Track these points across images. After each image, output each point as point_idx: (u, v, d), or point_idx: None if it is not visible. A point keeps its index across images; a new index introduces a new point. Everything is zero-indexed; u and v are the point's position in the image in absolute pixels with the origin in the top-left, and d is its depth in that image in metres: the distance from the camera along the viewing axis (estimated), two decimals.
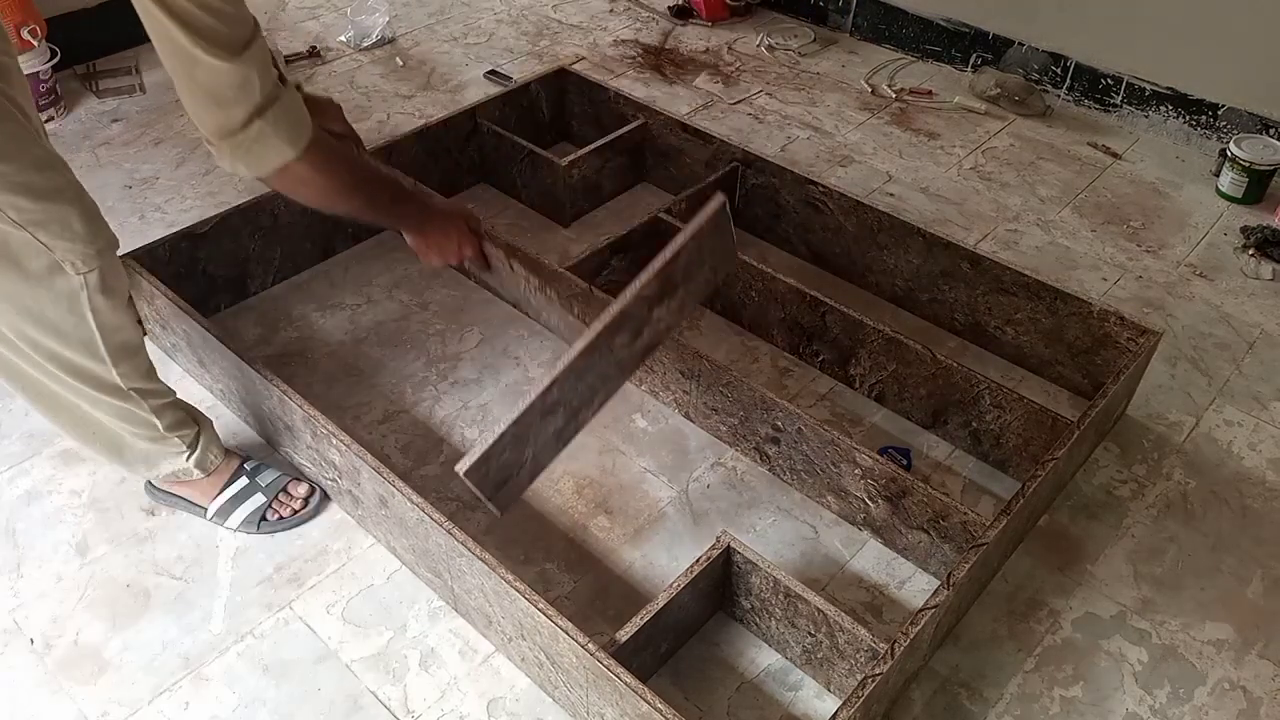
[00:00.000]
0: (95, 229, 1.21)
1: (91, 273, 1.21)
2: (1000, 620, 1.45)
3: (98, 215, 1.23)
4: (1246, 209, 2.31)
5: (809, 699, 1.34)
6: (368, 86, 2.65)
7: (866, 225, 1.93)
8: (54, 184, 1.17)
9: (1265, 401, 1.82)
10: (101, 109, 2.50)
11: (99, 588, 1.45)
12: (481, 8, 3.08)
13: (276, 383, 1.49)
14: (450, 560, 1.33)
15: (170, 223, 2.10)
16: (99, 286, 1.23)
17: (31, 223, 1.14)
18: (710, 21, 3.04)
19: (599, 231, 2.13)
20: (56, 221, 1.16)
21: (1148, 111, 2.55)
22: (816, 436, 1.51)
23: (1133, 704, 1.36)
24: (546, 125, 2.37)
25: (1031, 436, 1.57)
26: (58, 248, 1.17)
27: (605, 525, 1.56)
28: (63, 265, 1.19)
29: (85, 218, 1.20)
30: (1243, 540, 1.58)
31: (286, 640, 1.40)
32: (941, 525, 1.43)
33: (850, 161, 2.42)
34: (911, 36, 2.88)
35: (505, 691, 1.35)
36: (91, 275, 1.22)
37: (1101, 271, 2.10)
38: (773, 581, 1.31)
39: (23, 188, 1.13)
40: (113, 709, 1.32)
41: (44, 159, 1.16)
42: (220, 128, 1.15)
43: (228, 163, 1.19)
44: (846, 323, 1.73)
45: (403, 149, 2.07)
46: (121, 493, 1.58)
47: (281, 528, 1.52)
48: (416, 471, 1.63)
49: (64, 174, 1.20)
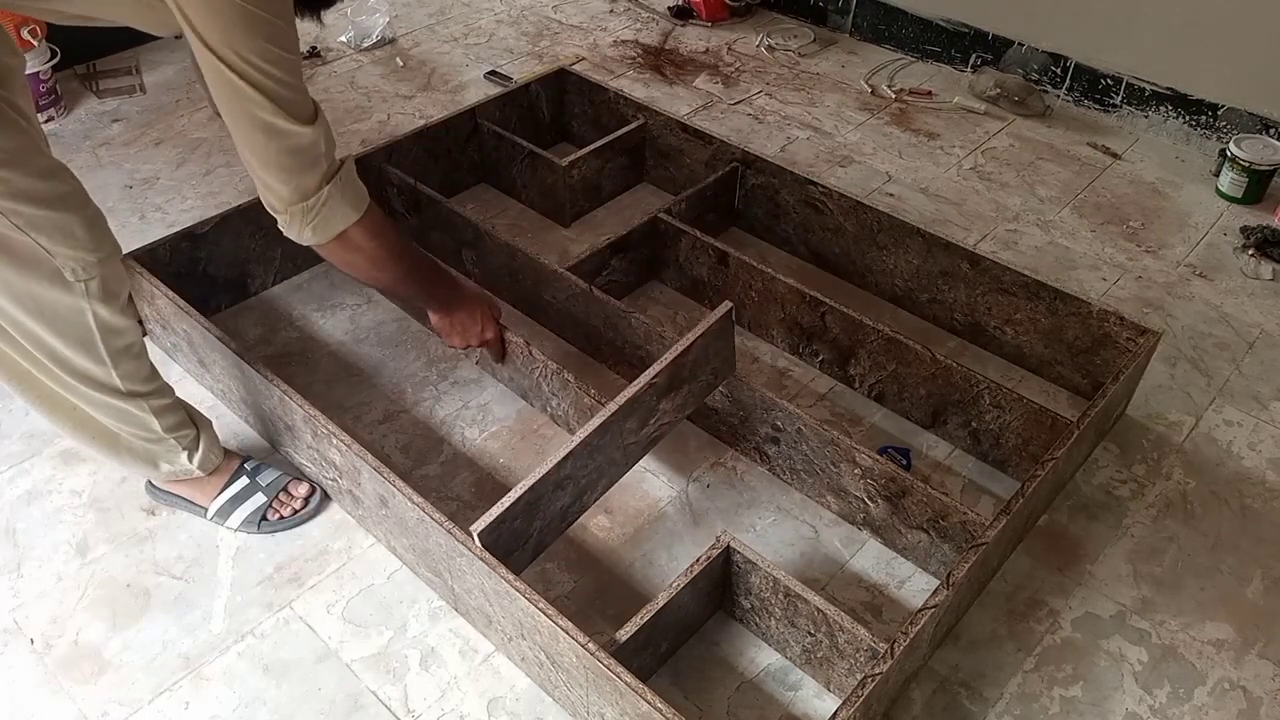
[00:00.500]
0: (98, 237, 1.22)
1: (92, 280, 1.22)
2: (1000, 620, 1.45)
3: (101, 223, 1.24)
4: (1246, 209, 2.31)
5: (809, 698, 1.34)
6: (368, 87, 2.65)
7: (866, 225, 1.93)
8: (57, 191, 1.17)
9: (1265, 401, 1.82)
10: (101, 109, 2.50)
11: (99, 588, 1.45)
12: (481, 8, 3.09)
13: (277, 383, 1.49)
14: (450, 560, 1.33)
15: (170, 223, 2.11)
16: (99, 293, 1.23)
17: (33, 228, 1.15)
18: (710, 22, 3.04)
19: (599, 232, 2.13)
20: (58, 228, 1.17)
21: (1148, 111, 2.55)
22: (816, 436, 1.52)
23: (1132, 704, 1.36)
24: (546, 126, 2.37)
25: (1031, 436, 1.57)
26: (59, 254, 1.18)
27: (605, 525, 1.56)
28: (63, 271, 1.19)
29: (87, 225, 1.20)
30: (1243, 540, 1.58)
31: (287, 640, 1.40)
32: (941, 525, 1.43)
33: (850, 162, 2.42)
34: (911, 37, 2.89)
35: (505, 691, 1.35)
36: (93, 283, 1.22)
37: (1101, 271, 2.10)
38: (772, 581, 1.31)
39: (25, 194, 1.13)
40: (113, 709, 1.32)
41: (47, 167, 1.17)
42: (293, 195, 1.21)
43: (296, 229, 1.25)
44: (846, 323, 1.73)
45: (403, 149, 2.07)
46: (121, 493, 1.58)
47: (282, 527, 1.52)
48: (417, 471, 1.63)
49: (68, 182, 1.20)
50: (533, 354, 1.63)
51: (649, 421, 1.48)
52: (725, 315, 1.50)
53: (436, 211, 1.97)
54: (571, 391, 1.59)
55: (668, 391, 1.47)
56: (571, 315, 1.82)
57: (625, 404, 1.40)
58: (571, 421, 1.64)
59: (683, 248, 1.92)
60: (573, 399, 1.60)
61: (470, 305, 1.60)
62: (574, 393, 1.58)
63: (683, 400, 1.52)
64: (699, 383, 1.54)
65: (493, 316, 1.63)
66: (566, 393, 1.61)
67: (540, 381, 1.61)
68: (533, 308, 1.90)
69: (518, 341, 1.65)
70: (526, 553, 1.39)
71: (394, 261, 1.39)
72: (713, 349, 1.52)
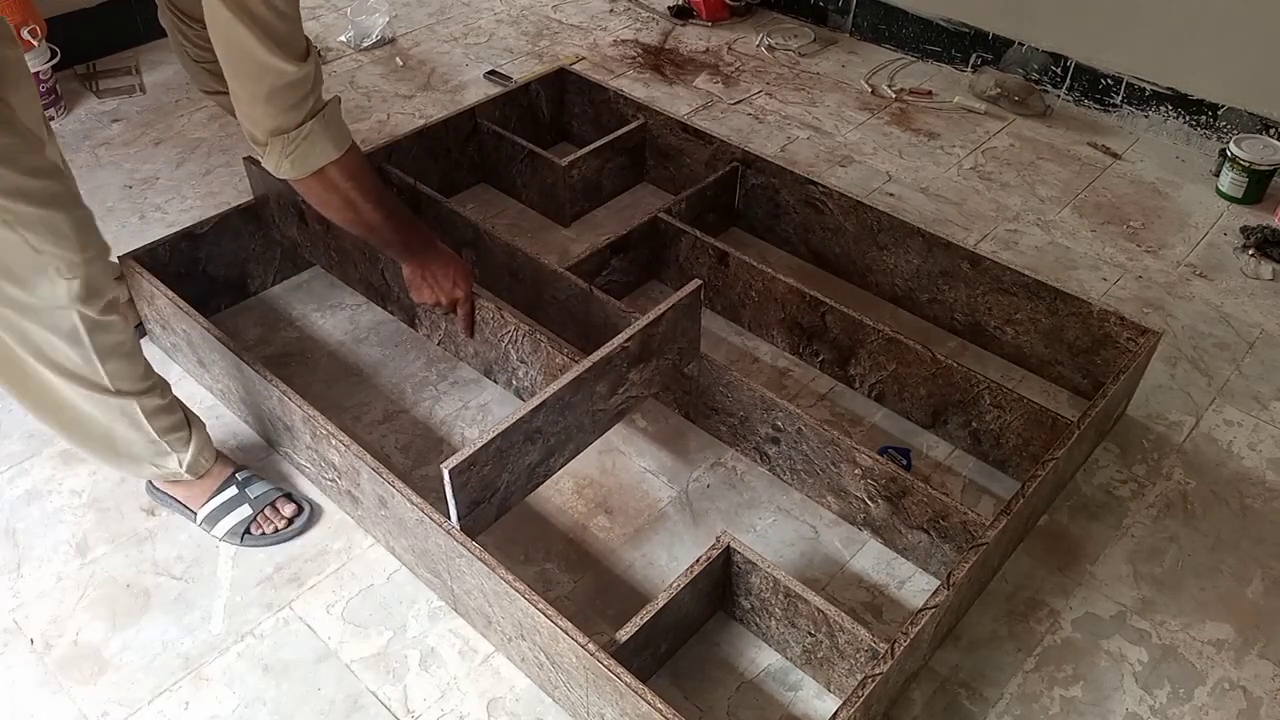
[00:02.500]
0: (85, 238, 1.22)
1: (76, 280, 1.22)
2: (1000, 620, 1.45)
3: (90, 225, 1.24)
4: (1246, 209, 2.31)
5: (809, 699, 1.34)
6: (368, 87, 2.65)
7: (866, 225, 1.93)
8: (48, 190, 1.18)
9: (1265, 401, 1.82)
10: (101, 109, 2.50)
11: (99, 588, 1.45)
12: (481, 8, 3.08)
13: (276, 383, 1.49)
14: (450, 560, 1.33)
15: (170, 223, 2.10)
16: (82, 293, 1.23)
17: (22, 224, 1.16)
18: (710, 21, 3.04)
19: (599, 231, 2.13)
20: (47, 226, 1.17)
21: (1148, 111, 2.55)
22: (816, 436, 1.51)
23: (1133, 704, 1.36)
24: (546, 125, 2.37)
25: (1031, 436, 1.57)
26: (45, 252, 1.18)
27: (605, 525, 1.56)
28: (48, 270, 1.19)
29: (76, 226, 1.20)
30: (1243, 540, 1.58)
31: (286, 640, 1.40)
32: (941, 525, 1.43)
33: (850, 161, 2.42)
34: (911, 36, 2.88)
35: (505, 691, 1.35)
36: (75, 283, 1.22)
37: (1101, 271, 2.10)
38: (773, 581, 1.31)
39: (15, 191, 1.14)
40: (113, 709, 1.32)
41: (39, 165, 1.18)
42: (277, 127, 1.23)
43: (274, 160, 1.27)
44: (846, 323, 1.73)
45: (403, 149, 2.07)
46: (121, 493, 1.58)
47: (264, 543, 1.51)
48: (416, 472, 1.63)
49: (60, 182, 1.21)
50: (504, 318, 1.61)
51: (618, 390, 1.51)
52: (694, 292, 1.54)
53: (436, 211, 1.97)
54: (543, 353, 1.57)
55: (638, 361, 1.51)
56: (571, 315, 1.81)
57: (598, 363, 1.43)
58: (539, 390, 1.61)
59: (683, 248, 1.92)
60: (543, 363, 1.58)
61: (444, 260, 1.59)
62: (545, 354, 1.56)
63: (649, 375, 1.56)
64: (665, 359, 1.57)
65: (465, 276, 1.62)
66: (538, 356, 1.59)
67: (509, 349, 1.58)
68: (533, 308, 1.90)
69: (489, 307, 1.64)
70: (492, 508, 1.40)
71: (370, 204, 1.40)
72: (680, 326, 1.56)
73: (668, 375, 1.60)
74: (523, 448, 1.39)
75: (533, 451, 1.42)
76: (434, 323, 1.73)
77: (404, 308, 1.81)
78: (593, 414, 1.49)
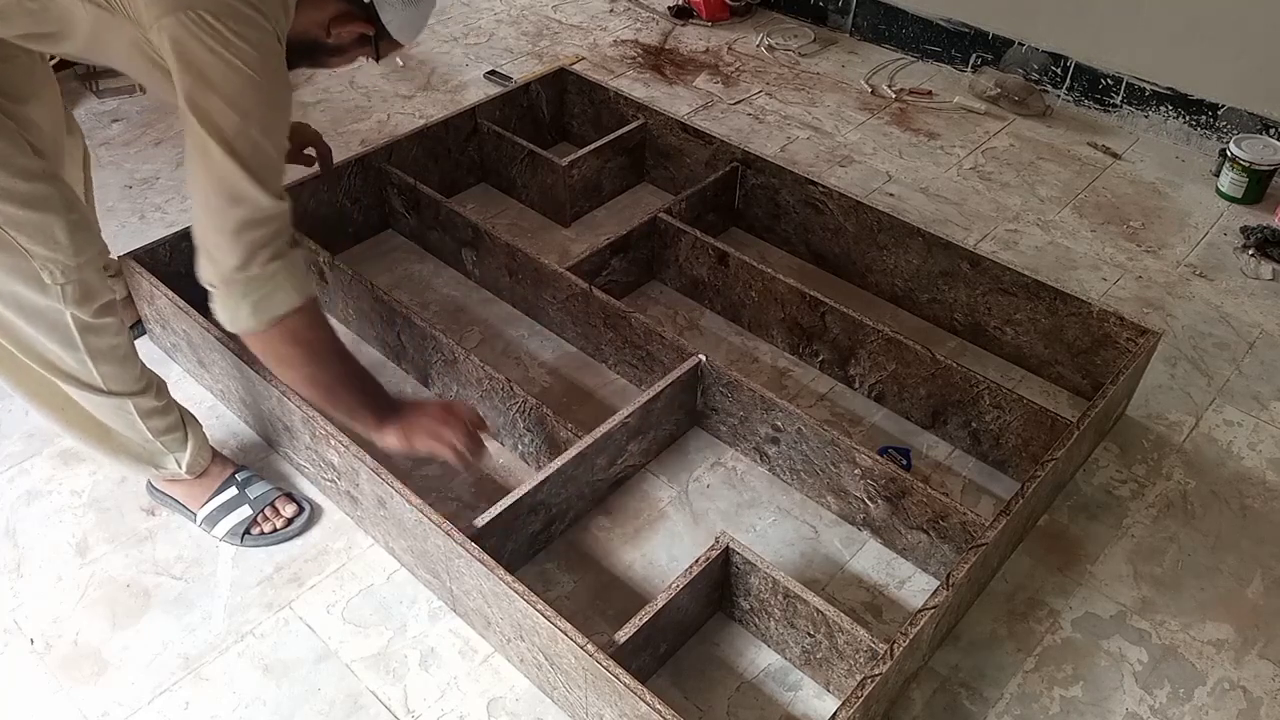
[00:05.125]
0: (79, 243, 1.22)
1: (69, 284, 1.22)
2: (1000, 620, 1.45)
3: (85, 230, 1.24)
4: (1246, 209, 2.31)
5: (808, 699, 1.34)
6: (368, 86, 2.65)
7: (866, 225, 1.93)
8: (39, 193, 1.18)
9: (1265, 401, 1.82)
10: (101, 109, 2.50)
11: (99, 588, 1.45)
12: (481, 8, 3.08)
13: (275, 383, 1.49)
14: (449, 561, 1.33)
15: (170, 223, 2.10)
16: (76, 297, 1.24)
17: (14, 226, 1.16)
18: (710, 21, 3.04)
19: (599, 231, 2.13)
20: (39, 229, 1.18)
21: (1148, 111, 2.55)
22: (816, 436, 1.51)
23: (1133, 704, 1.36)
24: (546, 125, 2.37)
25: (1031, 436, 1.57)
26: (37, 254, 1.19)
27: (605, 525, 1.56)
28: (41, 273, 1.20)
29: (69, 230, 1.20)
30: (1243, 540, 1.58)
31: (286, 640, 1.40)
32: (941, 525, 1.43)
33: (850, 161, 2.42)
34: (911, 36, 2.88)
35: (505, 691, 1.35)
36: (69, 287, 1.22)
37: (1101, 271, 2.10)
38: (772, 582, 1.31)
39: (6, 193, 1.15)
40: (113, 709, 1.32)
41: (32, 168, 1.18)
42: (235, 267, 1.13)
43: (233, 304, 1.16)
44: (846, 323, 1.73)
45: (403, 149, 2.07)
46: (121, 493, 1.58)
47: (264, 543, 1.51)
48: (416, 472, 1.63)
49: (55, 186, 1.21)
50: (514, 389, 1.56)
51: (616, 461, 1.54)
52: (694, 369, 1.58)
53: (436, 211, 1.97)
54: (549, 426, 1.54)
55: (637, 433, 1.55)
56: (571, 315, 1.82)
57: (600, 438, 1.47)
58: (541, 460, 1.58)
59: (683, 248, 1.92)
60: (548, 434, 1.55)
61: (418, 410, 1.38)
62: (550, 427, 1.54)
63: (647, 446, 1.60)
64: (663, 430, 1.62)
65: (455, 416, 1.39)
66: (543, 428, 1.56)
67: (517, 418, 1.60)
68: (533, 308, 1.90)
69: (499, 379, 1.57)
70: None
71: (329, 359, 1.28)
72: (679, 400, 1.61)
73: (663, 445, 1.65)
74: (527, 519, 1.43)
75: (535, 522, 1.45)
76: (445, 385, 1.72)
77: (417, 366, 1.77)
78: (592, 484, 1.53)
